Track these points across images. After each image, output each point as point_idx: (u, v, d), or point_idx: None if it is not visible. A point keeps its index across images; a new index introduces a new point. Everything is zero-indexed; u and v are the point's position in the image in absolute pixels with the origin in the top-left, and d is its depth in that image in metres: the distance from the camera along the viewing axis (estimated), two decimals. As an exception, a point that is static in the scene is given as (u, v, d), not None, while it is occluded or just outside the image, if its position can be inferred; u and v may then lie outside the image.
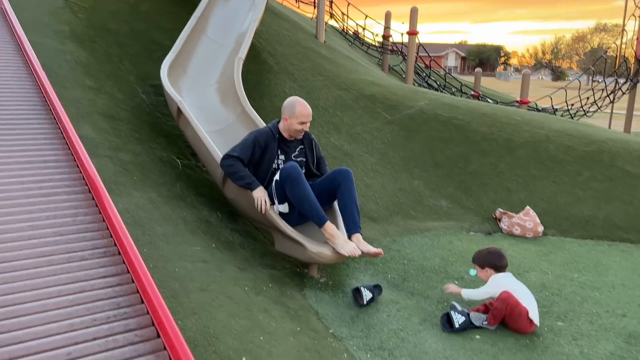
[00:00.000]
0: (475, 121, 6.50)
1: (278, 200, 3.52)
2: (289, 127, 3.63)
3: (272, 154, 3.62)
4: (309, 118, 3.63)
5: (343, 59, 8.44)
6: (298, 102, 3.62)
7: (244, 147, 3.58)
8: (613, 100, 13.10)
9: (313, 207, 3.38)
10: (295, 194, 3.39)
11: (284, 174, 3.42)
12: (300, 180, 3.40)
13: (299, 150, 3.76)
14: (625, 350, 2.90)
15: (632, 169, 5.58)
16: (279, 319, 2.80)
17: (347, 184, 3.56)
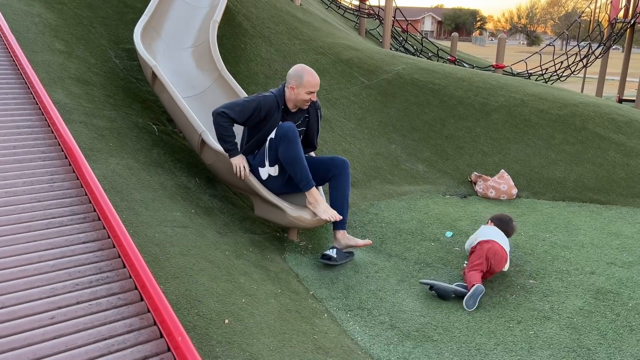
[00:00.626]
0: (452, 86, 6.53)
1: (269, 161, 3.43)
2: (295, 97, 3.45)
3: (275, 122, 3.47)
4: (317, 88, 3.48)
5: (320, 23, 8.33)
6: (306, 71, 3.43)
7: (244, 109, 3.42)
8: (586, 64, 13.27)
9: (304, 170, 3.33)
10: (288, 154, 3.31)
11: (280, 133, 3.33)
12: (296, 142, 3.33)
13: (302, 119, 3.63)
14: (594, 305, 3.03)
15: (603, 132, 5.72)
16: (260, 282, 2.85)
17: (343, 178, 3.51)
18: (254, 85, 5.94)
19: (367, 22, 12.13)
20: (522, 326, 2.78)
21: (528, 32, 72.00)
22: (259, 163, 3.49)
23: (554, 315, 2.91)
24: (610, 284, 3.29)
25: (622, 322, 2.85)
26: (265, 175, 3.49)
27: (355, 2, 11.87)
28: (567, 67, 12.94)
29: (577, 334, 2.71)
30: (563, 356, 2.52)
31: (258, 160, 3.50)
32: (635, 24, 13.58)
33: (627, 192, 5.09)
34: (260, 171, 3.49)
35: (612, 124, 5.85)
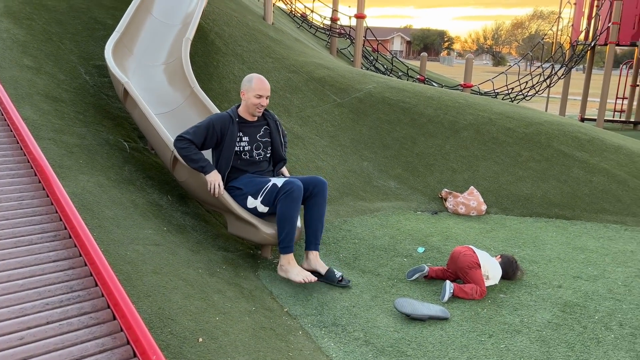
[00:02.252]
0: (422, 104, 6.67)
1: (263, 200, 3.42)
2: (246, 102, 3.54)
3: (233, 137, 3.51)
4: (266, 92, 3.55)
5: (292, 42, 8.42)
6: (255, 76, 3.57)
7: (197, 130, 3.50)
8: (550, 84, 13.70)
9: (291, 233, 3.34)
10: (285, 211, 3.31)
11: (287, 188, 3.33)
12: (298, 203, 3.36)
13: (263, 130, 3.68)
14: (562, 318, 3.11)
15: (567, 150, 5.90)
16: (234, 300, 2.83)
17: (320, 198, 3.52)
18: (226, 102, 5.94)
19: (339, 42, 12.30)
20: (494, 340, 2.82)
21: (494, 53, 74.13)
22: (252, 193, 3.46)
23: (524, 328, 2.96)
24: (576, 297, 3.38)
25: (589, 335, 2.92)
26: (251, 205, 3.47)
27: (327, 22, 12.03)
28: (532, 87, 13.34)
29: (546, 347, 2.77)
30: (533, 368, 2.57)
31: (252, 189, 3.47)
32: (595, 46, 14.13)
33: (590, 208, 5.26)
34: (249, 199, 3.47)
35: (576, 142, 6.06)
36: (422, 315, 2.98)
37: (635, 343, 2.85)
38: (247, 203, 3.47)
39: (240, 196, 3.49)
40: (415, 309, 3.01)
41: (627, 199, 5.32)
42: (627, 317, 3.15)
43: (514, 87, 13.18)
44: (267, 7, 8.68)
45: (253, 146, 3.60)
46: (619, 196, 5.37)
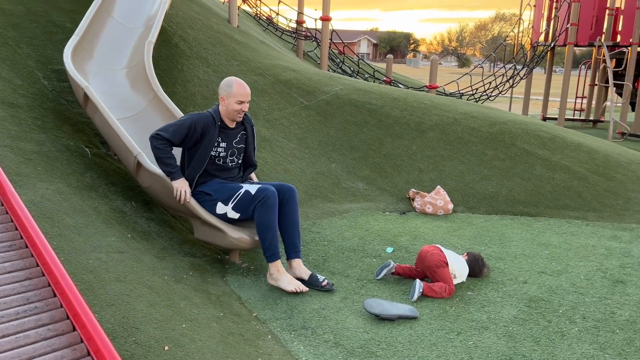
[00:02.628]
0: (388, 105, 6.72)
1: (234, 207, 3.36)
2: (226, 107, 3.45)
3: (211, 140, 3.42)
4: (247, 97, 3.47)
5: (257, 44, 8.37)
6: (235, 81, 3.48)
7: (178, 129, 3.37)
8: (512, 85, 14.00)
9: (274, 240, 3.30)
10: (264, 219, 3.26)
11: (262, 195, 3.27)
12: (275, 209, 3.30)
13: (240, 136, 3.61)
14: (527, 313, 3.16)
15: (529, 148, 6.03)
16: (201, 306, 2.78)
17: (292, 205, 3.47)
18: (191, 106, 5.86)
19: (305, 44, 12.30)
20: (462, 337, 2.85)
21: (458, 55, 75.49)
22: (223, 199, 3.39)
23: (492, 324, 3.00)
24: (541, 292, 3.44)
25: (554, 329, 2.98)
26: (220, 211, 3.40)
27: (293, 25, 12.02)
28: (495, 87, 13.61)
29: (513, 342, 2.81)
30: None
31: (223, 195, 3.39)
32: (555, 47, 14.52)
33: (553, 204, 5.38)
34: (219, 205, 3.40)
35: (538, 141, 6.19)
36: (391, 315, 2.99)
37: (598, 335, 2.91)
38: (217, 209, 3.40)
39: (210, 202, 3.42)
40: (384, 309, 3.02)
41: (587, 195, 5.46)
42: (589, 310, 3.22)
43: (478, 88, 13.42)
44: (231, 10, 8.62)
45: (228, 152, 3.53)
46: (580, 192, 5.51)
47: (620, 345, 2.81)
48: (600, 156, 6.08)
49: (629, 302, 3.34)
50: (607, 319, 3.12)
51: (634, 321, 3.09)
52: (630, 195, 5.51)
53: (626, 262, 4.03)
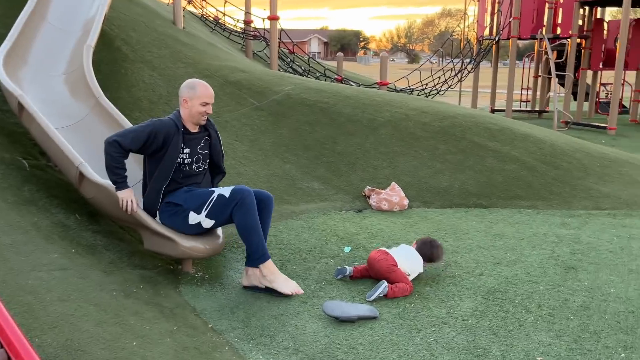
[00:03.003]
0: (340, 104, 6.69)
1: (208, 213, 3.20)
2: (190, 110, 3.28)
3: (176, 149, 3.24)
4: (211, 99, 3.33)
5: (205, 46, 8.19)
6: (198, 82, 3.32)
7: (137, 135, 3.18)
8: (461, 78, 14.29)
9: (261, 241, 3.18)
10: (245, 222, 3.14)
11: (237, 197, 3.13)
12: (254, 209, 3.16)
13: (204, 141, 3.45)
14: (485, 305, 3.17)
15: (480, 141, 6.13)
16: (153, 321, 2.65)
17: (265, 214, 3.36)
18: (137, 111, 5.66)
19: (255, 44, 12.16)
20: (423, 334, 2.83)
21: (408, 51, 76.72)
22: (195, 208, 3.21)
23: (451, 319, 3.00)
24: (497, 283, 3.48)
25: (511, 319, 3.00)
26: (193, 221, 3.23)
27: (241, 25, 11.86)
28: (445, 81, 13.85)
29: (472, 336, 2.81)
30: (462, 359, 2.59)
31: (194, 203, 3.22)
32: (499, 41, 14.90)
33: (505, 195, 5.48)
34: (191, 215, 3.22)
35: (488, 133, 6.30)
36: (351, 316, 2.94)
37: (553, 323, 2.96)
38: (189, 220, 3.22)
39: (181, 213, 3.23)
40: (343, 311, 2.97)
41: (537, 184, 5.59)
42: (544, 298, 3.27)
43: (427, 83, 13.62)
44: (176, 12, 8.40)
45: (193, 159, 3.36)
46: (530, 182, 5.63)
47: (575, 332, 2.86)
48: (547, 146, 6.25)
49: (581, 288, 3.41)
50: (562, 305, 3.17)
51: (587, 306, 3.16)
52: (576, 182, 5.68)
53: (576, 249, 4.13)
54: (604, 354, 2.64)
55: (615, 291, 3.37)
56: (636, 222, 4.86)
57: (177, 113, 3.36)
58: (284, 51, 12.17)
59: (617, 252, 4.06)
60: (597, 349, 2.69)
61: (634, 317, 3.02)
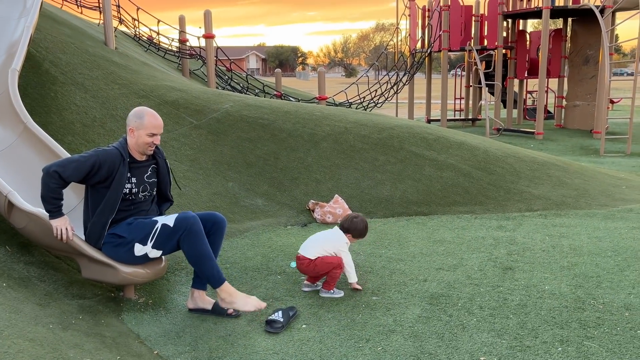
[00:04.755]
0: (280, 119, 6.72)
1: (154, 244, 3.09)
2: (136, 140, 3.16)
3: (122, 178, 3.10)
4: (160, 129, 3.20)
5: (139, 66, 8.02)
6: (146, 112, 3.19)
7: (79, 167, 3.02)
8: (397, 91, 14.68)
9: (214, 267, 3.09)
10: (196, 250, 3.04)
11: (183, 226, 3.03)
12: (203, 236, 3.07)
13: (151, 169, 3.31)
14: (430, 311, 3.26)
15: (417, 150, 6.31)
16: (94, 352, 2.55)
17: (218, 237, 3.29)
18: (70, 135, 5.46)
19: (191, 63, 12.03)
20: (371, 344, 2.87)
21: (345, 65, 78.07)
22: (140, 239, 3.10)
23: (398, 327, 3.05)
24: (441, 288, 3.58)
25: (455, 322, 3.09)
26: (139, 252, 3.11)
27: (176, 44, 11.70)
28: (381, 94, 14.19)
29: (419, 342, 2.87)
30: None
31: (138, 235, 3.10)
32: (431, 53, 15.45)
33: (443, 202, 5.66)
34: (137, 247, 3.10)
35: (424, 142, 6.51)
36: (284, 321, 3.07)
37: (494, 323, 3.07)
38: (135, 251, 3.10)
39: (125, 245, 3.10)
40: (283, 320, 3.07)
41: (473, 190, 5.82)
42: (485, 299, 3.40)
43: (365, 96, 13.90)
44: (107, 32, 8.19)
45: (140, 188, 3.23)
46: (467, 188, 5.85)
47: (515, 330, 2.98)
48: (481, 152, 6.52)
49: (518, 287, 3.57)
50: (501, 305, 3.30)
51: (525, 304, 3.30)
52: (509, 186, 5.95)
53: (512, 250, 4.32)
54: (542, 349, 2.77)
55: (549, 288, 3.54)
56: (565, 221, 5.15)
57: (124, 141, 3.23)
58: (220, 69, 12.10)
59: (550, 250, 4.28)
60: (535, 344, 2.82)
61: (567, 312, 3.18)
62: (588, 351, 2.73)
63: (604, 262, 3.98)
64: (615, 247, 4.30)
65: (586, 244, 4.39)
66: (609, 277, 3.68)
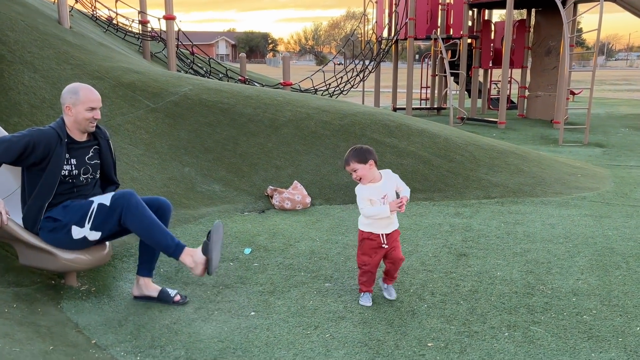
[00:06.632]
0: (241, 104, 6.58)
1: (92, 225, 2.93)
2: (75, 118, 2.98)
3: (59, 160, 2.93)
4: (98, 103, 3.02)
5: (95, 46, 7.73)
6: (80, 86, 3.01)
7: (10, 147, 2.83)
8: (363, 78, 14.63)
9: (165, 234, 2.92)
10: (141, 224, 2.88)
11: (121, 203, 2.86)
12: (144, 209, 2.90)
13: (93, 151, 3.15)
14: (382, 297, 3.22)
15: (379, 137, 6.28)
16: (25, 342, 2.42)
17: (164, 222, 3.12)
18: (16, 116, 5.22)
19: (153, 46, 11.70)
20: (319, 330, 2.82)
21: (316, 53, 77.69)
22: (76, 221, 2.94)
23: (348, 313, 3.01)
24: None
25: (405, 308, 3.07)
26: (78, 235, 2.96)
27: (136, 25, 11.36)
28: (347, 81, 14.12)
29: (368, 328, 2.84)
30: (357, 352, 2.61)
31: (74, 216, 2.94)
32: (398, 41, 15.43)
33: (403, 189, 5.64)
34: (74, 230, 2.94)
35: (386, 130, 6.47)
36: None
37: (444, 309, 3.06)
38: (73, 234, 2.95)
39: (61, 228, 2.95)
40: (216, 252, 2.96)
41: (432, 177, 5.82)
42: (437, 285, 3.39)
43: (331, 83, 13.81)
44: (61, 10, 7.86)
45: (81, 170, 3.07)
46: (426, 175, 5.85)
47: (464, 315, 2.97)
48: (442, 140, 6.53)
49: (471, 273, 3.57)
50: (453, 292, 3.30)
51: (476, 290, 3.31)
52: (468, 174, 5.98)
53: (468, 236, 4.33)
54: (489, 334, 2.77)
55: (501, 274, 3.56)
56: (521, 208, 5.20)
57: (61, 121, 3.05)
58: (182, 51, 11.81)
59: (504, 237, 4.31)
60: (483, 330, 2.81)
61: (517, 297, 3.20)
62: (534, 336, 2.74)
63: (556, 248, 4.03)
64: (567, 233, 4.36)
65: (539, 231, 4.44)
66: (559, 263, 3.72)
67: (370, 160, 3.06)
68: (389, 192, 3.10)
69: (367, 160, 3.05)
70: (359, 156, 3.05)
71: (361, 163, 3.05)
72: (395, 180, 3.15)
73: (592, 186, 6.08)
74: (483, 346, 2.65)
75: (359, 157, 3.05)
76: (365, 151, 3.07)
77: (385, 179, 3.12)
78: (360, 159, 3.05)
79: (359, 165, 3.05)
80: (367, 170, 3.07)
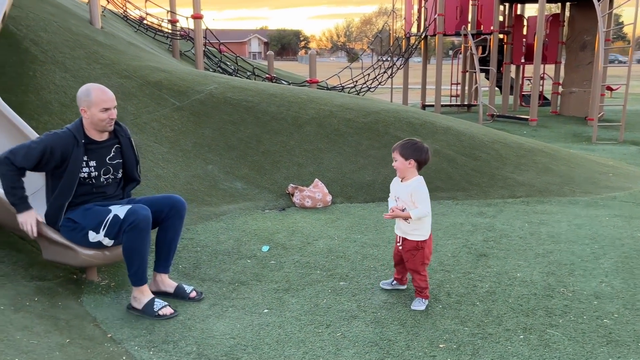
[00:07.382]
0: (265, 102, 6.62)
1: (107, 233, 2.99)
2: (91, 119, 3.02)
3: (77, 163, 3.00)
4: (111, 103, 3.05)
5: (124, 46, 7.90)
6: (92, 88, 3.04)
7: (29, 152, 2.91)
8: (391, 75, 14.52)
9: (142, 266, 2.98)
10: (132, 244, 2.94)
11: (132, 220, 2.91)
12: (146, 235, 2.96)
13: (114, 150, 3.19)
14: (396, 297, 3.20)
15: (402, 135, 6.20)
16: (43, 335, 2.50)
17: (177, 220, 3.18)
18: (47, 115, 5.38)
19: (182, 44, 11.89)
20: (331, 329, 2.81)
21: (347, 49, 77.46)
22: (93, 227, 3.01)
23: (361, 313, 3.00)
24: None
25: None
26: (94, 239, 3.03)
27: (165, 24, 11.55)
28: (375, 78, 14.04)
29: (380, 328, 2.82)
30: (367, 351, 2.59)
31: (91, 222, 3.01)
32: (427, 37, 15.25)
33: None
34: (91, 234, 3.01)
35: (410, 127, 6.41)
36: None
37: (460, 310, 3.02)
38: (90, 238, 3.02)
39: (80, 230, 3.02)
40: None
41: (456, 176, 5.74)
42: (454, 286, 3.34)
43: (358, 80, 13.76)
44: (92, 10, 8.05)
45: (101, 171, 3.12)
46: (450, 173, 5.77)
47: (479, 317, 2.93)
48: (467, 138, 6.43)
49: (490, 274, 3.51)
50: (470, 292, 3.24)
51: (493, 291, 3.25)
52: (494, 172, 5.87)
53: (489, 236, 4.25)
54: (504, 336, 2.72)
55: (521, 275, 3.48)
56: (547, 208, 5.08)
57: (79, 122, 3.09)
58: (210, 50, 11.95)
59: (527, 237, 4.22)
60: (497, 332, 2.76)
61: (535, 299, 3.13)
62: (550, 339, 2.67)
63: (580, 249, 3.92)
64: (593, 234, 4.23)
65: (565, 232, 4.32)
66: (583, 265, 3.62)
67: (410, 160, 3.04)
68: (402, 196, 3.08)
69: (407, 157, 3.04)
70: (403, 149, 3.06)
71: (402, 157, 3.05)
72: (411, 191, 3.08)
73: (624, 186, 5.89)
74: (496, 349, 2.60)
75: (403, 150, 3.06)
76: (412, 148, 3.06)
77: (409, 184, 3.09)
78: (403, 153, 3.05)
79: (399, 157, 3.06)
80: (404, 166, 3.06)
